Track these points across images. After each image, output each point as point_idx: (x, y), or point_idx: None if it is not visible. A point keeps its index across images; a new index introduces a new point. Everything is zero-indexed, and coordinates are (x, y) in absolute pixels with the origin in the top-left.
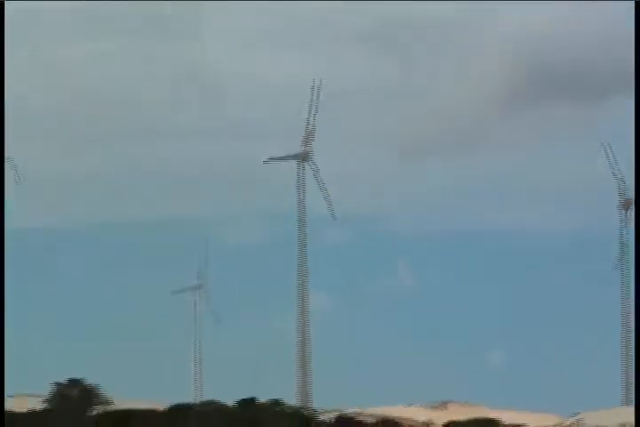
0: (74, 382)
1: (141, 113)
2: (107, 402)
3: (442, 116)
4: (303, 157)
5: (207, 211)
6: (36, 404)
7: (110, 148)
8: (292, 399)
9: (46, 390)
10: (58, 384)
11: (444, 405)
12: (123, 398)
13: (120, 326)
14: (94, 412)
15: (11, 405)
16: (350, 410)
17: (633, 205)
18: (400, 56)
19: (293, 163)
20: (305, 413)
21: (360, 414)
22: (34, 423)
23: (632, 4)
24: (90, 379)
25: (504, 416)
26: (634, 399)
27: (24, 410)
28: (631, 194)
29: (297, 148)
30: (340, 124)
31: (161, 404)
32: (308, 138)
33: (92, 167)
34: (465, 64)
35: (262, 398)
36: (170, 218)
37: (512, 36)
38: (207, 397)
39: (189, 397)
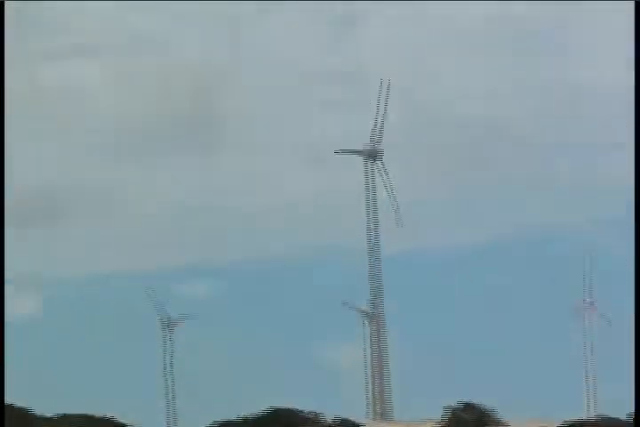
0: (468, 406)
1: None
2: (503, 424)
3: None
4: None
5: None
6: None
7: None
8: None
9: (438, 413)
10: (451, 408)
11: None
12: (516, 418)
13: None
14: None
15: None
16: None
17: None
18: None
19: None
20: None
21: None
22: None
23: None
24: (483, 401)
25: None
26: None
27: None
28: None
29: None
30: None
31: (553, 421)
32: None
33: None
34: None
35: None
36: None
37: None
38: (597, 411)
39: (581, 412)
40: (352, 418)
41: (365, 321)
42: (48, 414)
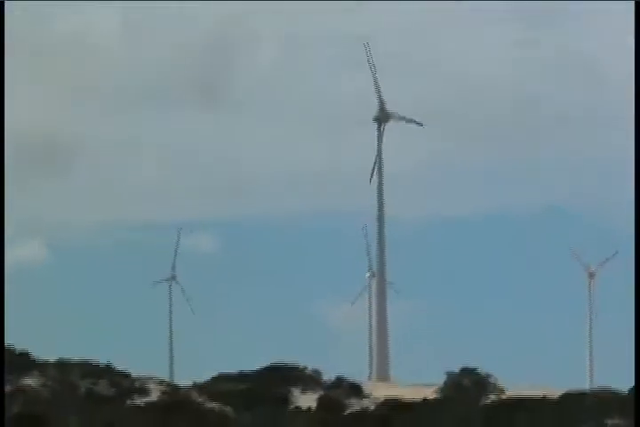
0: (467, 372)
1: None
2: (500, 390)
3: None
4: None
5: None
6: (429, 392)
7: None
8: None
9: (440, 379)
10: (451, 373)
11: None
12: (515, 385)
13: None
14: (487, 401)
15: (404, 392)
16: None
17: None
18: None
19: None
20: None
21: None
22: (429, 412)
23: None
24: (482, 367)
25: None
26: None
27: (418, 398)
28: None
29: None
30: None
31: (555, 391)
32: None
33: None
34: None
35: None
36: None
37: None
38: (599, 383)
39: (584, 383)
40: (352, 379)
41: (369, 282)
42: (47, 359)
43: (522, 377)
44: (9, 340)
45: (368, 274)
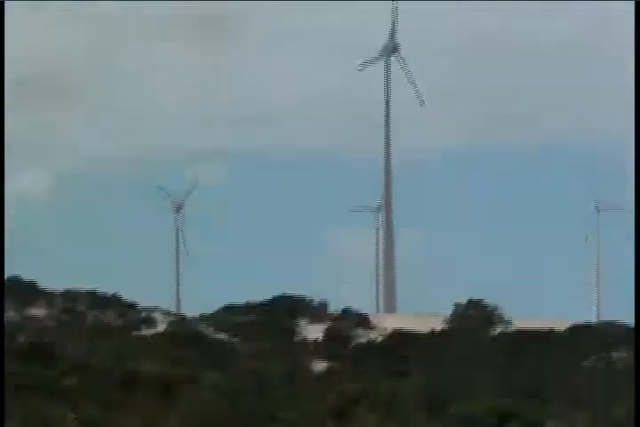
0: (474, 303)
1: None
2: (507, 322)
3: None
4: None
5: None
6: (436, 324)
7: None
8: None
9: (448, 310)
10: (458, 304)
11: None
12: (523, 318)
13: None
14: (494, 332)
15: (411, 323)
16: None
17: None
18: None
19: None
20: None
21: None
22: (434, 342)
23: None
24: (492, 298)
25: None
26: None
27: (425, 329)
28: None
29: None
30: None
31: (562, 324)
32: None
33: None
34: None
35: None
36: None
37: None
38: (606, 317)
39: (591, 316)
40: (359, 309)
41: (377, 213)
42: (54, 289)
43: (529, 310)
44: (16, 270)
45: (379, 200)
